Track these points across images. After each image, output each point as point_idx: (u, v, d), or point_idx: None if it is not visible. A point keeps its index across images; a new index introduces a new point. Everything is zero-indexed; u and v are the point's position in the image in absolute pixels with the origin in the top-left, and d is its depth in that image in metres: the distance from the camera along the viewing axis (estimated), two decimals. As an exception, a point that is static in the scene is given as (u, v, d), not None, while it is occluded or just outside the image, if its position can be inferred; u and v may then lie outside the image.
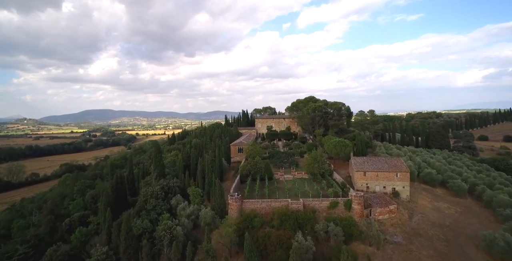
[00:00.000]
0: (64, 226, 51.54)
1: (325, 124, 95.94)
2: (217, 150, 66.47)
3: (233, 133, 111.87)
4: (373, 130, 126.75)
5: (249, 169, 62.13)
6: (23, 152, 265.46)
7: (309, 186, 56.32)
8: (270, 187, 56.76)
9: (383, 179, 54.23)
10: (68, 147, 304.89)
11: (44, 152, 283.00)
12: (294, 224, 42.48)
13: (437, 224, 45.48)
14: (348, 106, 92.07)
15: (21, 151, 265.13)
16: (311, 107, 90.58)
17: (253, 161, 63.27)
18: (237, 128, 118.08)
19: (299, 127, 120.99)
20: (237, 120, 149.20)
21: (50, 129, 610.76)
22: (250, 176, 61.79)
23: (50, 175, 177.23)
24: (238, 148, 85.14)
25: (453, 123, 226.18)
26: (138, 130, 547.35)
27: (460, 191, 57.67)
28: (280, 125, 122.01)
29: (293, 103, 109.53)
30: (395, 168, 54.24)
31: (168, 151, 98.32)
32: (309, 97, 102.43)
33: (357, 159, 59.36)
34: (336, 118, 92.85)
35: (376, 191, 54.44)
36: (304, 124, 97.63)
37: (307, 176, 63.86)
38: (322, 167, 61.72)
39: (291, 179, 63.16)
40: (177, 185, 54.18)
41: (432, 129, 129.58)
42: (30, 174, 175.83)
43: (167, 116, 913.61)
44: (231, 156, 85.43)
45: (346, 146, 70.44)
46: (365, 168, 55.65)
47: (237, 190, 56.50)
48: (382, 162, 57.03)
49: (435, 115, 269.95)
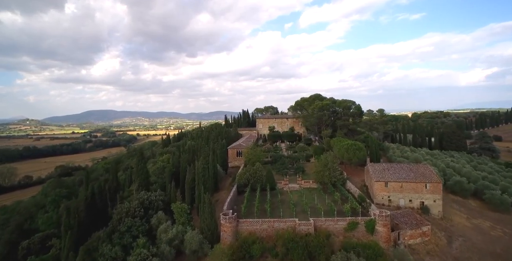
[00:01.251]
0: (21, 250, 42.06)
1: (333, 124, 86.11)
2: (211, 155, 56.86)
3: (232, 134, 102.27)
4: (383, 130, 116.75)
5: (248, 178, 52.47)
6: (20, 153, 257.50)
7: (319, 199, 46.57)
8: (273, 200, 47.12)
9: (409, 191, 44.33)
10: (67, 148, 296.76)
11: (42, 153, 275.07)
12: (303, 254, 32.73)
13: (486, 252, 35.57)
14: (359, 104, 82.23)
15: (18, 152, 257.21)
16: (317, 105, 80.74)
17: (252, 169, 53.60)
18: (237, 129, 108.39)
19: (303, 128, 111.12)
20: (238, 120, 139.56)
21: (52, 129, 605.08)
22: (249, 185, 52.21)
23: (44, 177, 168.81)
24: (237, 152, 75.50)
25: (462, 123, 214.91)
26: (140, 131, 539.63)
27: (502, 205, 47.63)
28: (283, 125, 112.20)
29: (297, 102, 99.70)
30: (423, 178, 44.31)
31: (160, 155, 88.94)
32: (315, 94, 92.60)
33: (376, 167, 49.47)
34: (345, 118, 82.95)
35: (401, 205, 44.59)
36: (310, 124, 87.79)
37: (316, 185, 54.17)
38: (334, 175, 51.95)
39: (297, 189, 53.44)
40: (160, 199, 44.57)
41: (446, 129, 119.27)
42: (23, 177, 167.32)
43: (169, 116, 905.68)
44: (228, 160, 75.81)
45: (359, 149, 60.63)
46: (387, 177, 45.77)
47: (233, 204, 46.87)
48: (406, 170, 47.09)
49: (443, 115, 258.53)
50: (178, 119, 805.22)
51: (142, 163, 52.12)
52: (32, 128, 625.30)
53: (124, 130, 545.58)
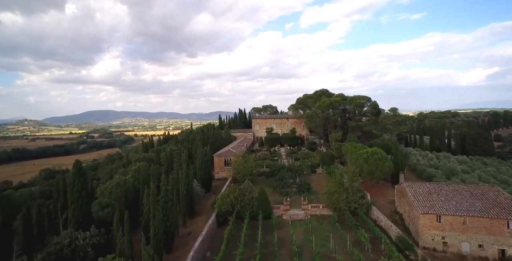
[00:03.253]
0: None
1: (342, 125, 70.21)
2: (185, 170, 40.80)
3: (224, 137, 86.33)
4: (397, 132, 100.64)
5: (233, 203, 36.52)
6: (8, 155, 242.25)
7: (335, 238, 30.68)
8: (267, 239, 31.26)
9: (478, 230, 28.21)
10: (59, 150, 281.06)
11: (32, 155, 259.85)
12: None
13: None
14: (375, 101, 66.06)
15: (6, 154, 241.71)
16: (324, 103, 64.67)
17: (238, 189, 37.61)
18: (229, 131, 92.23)
19: (306, 130, 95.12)
20: (233, 120, 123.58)
21: (51, 130, 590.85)
22: (234, 213, 36.29)
23: (27, 182, 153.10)
24: (225, 160, 59.52)
25: (474, 123, 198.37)
26: (138, 131, 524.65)
27: None
28: (283, 126, 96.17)
29: (300, 100, 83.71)
30: (500, 210, 28.14)
31: (135, 162, 73.07)
32: (321, 90, 76.47)
33: (417, 188, 33.30)
34: (358, 118, 66.92)
35: (464, 252, 28.55)
36: (315, 125, 71.69)
37: (328, 211, 38.25)
38: (354, 199, 35.98)
39: (302, 218, 37.46)
40: (95, 242, 28.53)
41: (470, 131, 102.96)
42: (2, 182, 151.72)
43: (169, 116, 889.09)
44: (214, 171, 59.93)
45: (384, 160, 44.63)
46: (438, 208, 29.64)
47: (208, 246, 30.95)
48: (467, 195, 30.96)
49: (451, 115, 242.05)
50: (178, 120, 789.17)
51: (80, 182, 35.96)
52: (30, 128, 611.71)
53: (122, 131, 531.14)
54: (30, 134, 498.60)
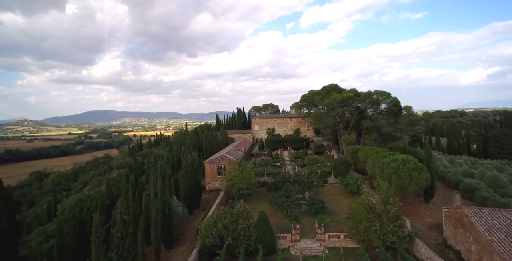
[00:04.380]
0: None
1: (356, 126, 59.80)
2: (160, 186, 30.40)
3: (220, 139, 75.99)
4: (411, 133, 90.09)
5: (221, 234, 26.16)
6: (0, 156, 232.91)
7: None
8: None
9: None
10: (54, 151, 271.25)
11: (26, 157, 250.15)
12: None
13: None
14: (396, 98, 55.58)
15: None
16: (336, 99, 54.06)
17: (230, 214, 27.23)
18: (225, 133, 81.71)
19: (310, 130, 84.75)
20: (231, 120, 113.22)
21: (50, 130, 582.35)
22: (224, 248, 25.96)
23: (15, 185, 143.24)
24: (218, 168, 49.17)
25: (484, 123, 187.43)
26: (137, 131, 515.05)
27: None
28: (286, 127, 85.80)
29: (305, 97, 73.25)
30: None
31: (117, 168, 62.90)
32: (330, 85, 65.74)
33: (488, 218, 22.57)
34: (375, 117, 56.47)
35: None
36: (324, 126, 61.14)
37: (353, 242, 27.88)
38: (392, 230, 25.59)
39: (317, 253, 27.11)
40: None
41: (493, 131, 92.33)
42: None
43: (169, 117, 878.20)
44: (206, 180, 49.66)
45: (419, 170, 34.29)
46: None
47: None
48: None
49: (458, 114, 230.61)
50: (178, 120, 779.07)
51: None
52: (29, 128, 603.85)
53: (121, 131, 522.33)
54: (28, 134, 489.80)
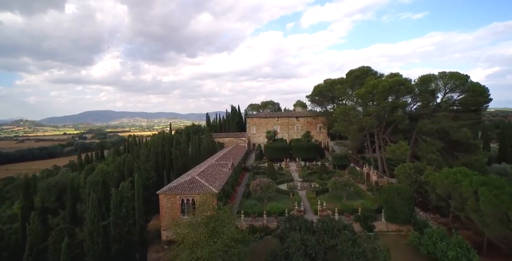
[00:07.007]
0: None
1: (408, 128, 38.91)
2: None
3: (204, 146, 55.13)
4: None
5: None
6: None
7: None
8: None
9: None
10: (40, 153, 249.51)
11: (9, 159, 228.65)
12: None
13: None
14: (478, 83, 34.29)
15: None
16: (379, 87, 33.18)
17: None
18: (211, 137, 60.27)
19: (323, 133, 63.94)
20: (224, 121, 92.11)
21: (46, 130, 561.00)
22: None
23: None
24: (183, 202, 28.19)
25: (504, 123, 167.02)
26: (134, 132, 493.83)
27: None
28: (291, 129, 64.93)
29: (319, 88, 52.25)
30: None
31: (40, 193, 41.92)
32: (360, 69, 44.20)
33: None
34: (439, 115, 35.46)
35: None
36: (358, 128, 39.31)
37: None
38: None
39: None
40: None
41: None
42: None
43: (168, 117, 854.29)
44: (161, 223, 28.77)
45: None
46: None
47: None
48: None
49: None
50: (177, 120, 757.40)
51: None
52: (25, 129, 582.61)
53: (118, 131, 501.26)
54: (22, 135, 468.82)
